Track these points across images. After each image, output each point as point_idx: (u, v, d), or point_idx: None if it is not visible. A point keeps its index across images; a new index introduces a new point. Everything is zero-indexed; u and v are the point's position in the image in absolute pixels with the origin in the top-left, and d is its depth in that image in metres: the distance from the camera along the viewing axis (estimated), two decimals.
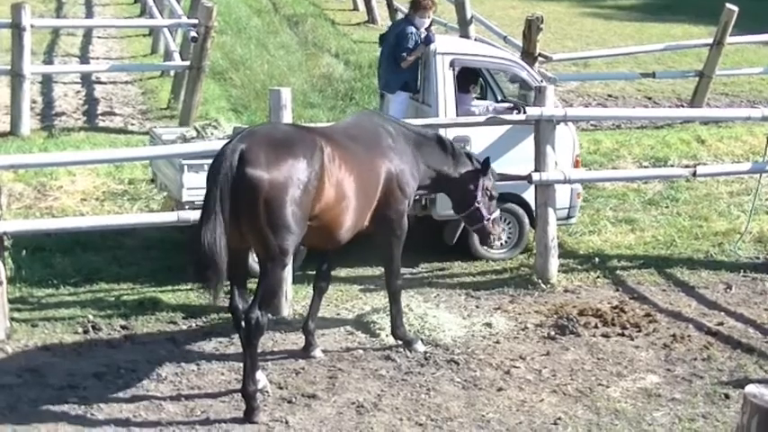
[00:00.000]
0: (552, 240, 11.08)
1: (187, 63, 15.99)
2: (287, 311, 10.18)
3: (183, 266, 11.18)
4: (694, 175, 11.63)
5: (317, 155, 8.35)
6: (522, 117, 11.32)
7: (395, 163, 9.26)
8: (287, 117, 10.06)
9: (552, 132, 11.00)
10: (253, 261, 9.10)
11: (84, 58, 20.69)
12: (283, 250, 8.15)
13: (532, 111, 10.90)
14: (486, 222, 10.01)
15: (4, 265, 9.60)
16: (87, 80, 18.91)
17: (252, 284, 8.78)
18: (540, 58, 16.34)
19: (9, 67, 15.27)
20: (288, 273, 10.15)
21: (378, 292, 10.65)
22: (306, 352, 9.39)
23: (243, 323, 8.23)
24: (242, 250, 8.40)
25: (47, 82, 18.53)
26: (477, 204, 9.90)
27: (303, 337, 9.46)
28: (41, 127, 15.85)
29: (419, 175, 9.57)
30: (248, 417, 8.19)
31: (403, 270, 9.89)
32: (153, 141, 11.90)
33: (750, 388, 4.76)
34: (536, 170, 10.98)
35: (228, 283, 8.37)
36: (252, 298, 8.32)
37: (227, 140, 8.74)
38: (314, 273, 9.73)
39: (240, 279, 8.52)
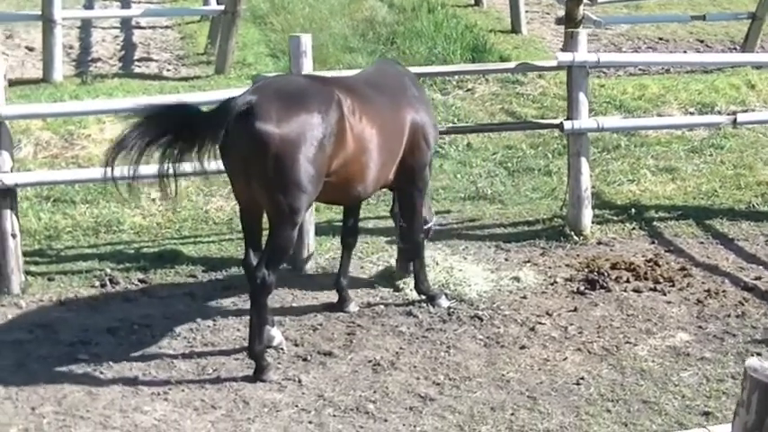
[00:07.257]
0: (585, 191, 10.68)
1: (222, 7, 15.67)
2: (309, 265, 9.94)
3: (205, 217, 11.05)
4: (734, 122, 11.17)
5: (333, 109, 7.93)
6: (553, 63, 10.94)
7: (420, 114, 8.86)
8: (307, 64, 9.77)
9: (585, 79, 10.58)
10: None
11: (124, 2, 20.46)
12: (294, 209, 7.77)
13: (563, 56, 10.48)
14: None
15: (18, 217, 9.43)
16: (127, 25, 18.67)
17: None
18: (585, 0, 15.85)
19: (39, 13, 15.03)
20: (311, 225, 9.93)
21: None
22: (341, 306, 9.14)
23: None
24: (255, 207, 8.09)
25: (86, 27, 18.32)
26: None
27: (336, 293, 9.21)
28: (76, 73, 15.64)
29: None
30: (258, 375, 7.95)
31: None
32: None
33: (751, 362, 4.44)
34: (568, 118, 10.58)
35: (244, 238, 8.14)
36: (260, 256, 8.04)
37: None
38: (339, 224, 9.44)
39: (254, 236, 8.23)
